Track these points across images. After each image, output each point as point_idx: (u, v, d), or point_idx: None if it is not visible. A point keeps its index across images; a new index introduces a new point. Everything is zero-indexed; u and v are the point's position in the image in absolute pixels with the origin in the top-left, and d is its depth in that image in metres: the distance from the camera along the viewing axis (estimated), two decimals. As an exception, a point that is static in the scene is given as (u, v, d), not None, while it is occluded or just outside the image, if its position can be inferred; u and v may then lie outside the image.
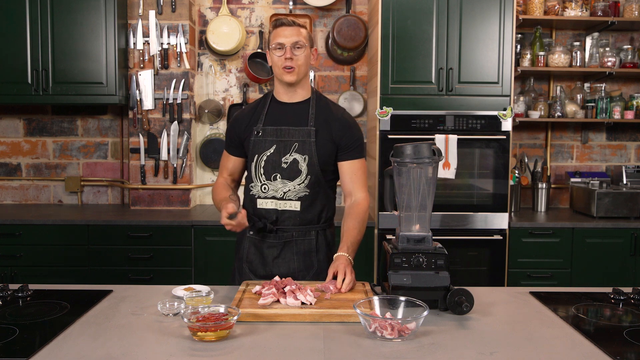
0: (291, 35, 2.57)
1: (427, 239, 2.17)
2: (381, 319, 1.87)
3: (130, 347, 1.78)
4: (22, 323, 1.97)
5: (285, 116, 2.67)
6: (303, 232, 2.67)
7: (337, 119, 2.67)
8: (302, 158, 2.59)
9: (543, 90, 5.13)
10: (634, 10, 4.68)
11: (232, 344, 1.81)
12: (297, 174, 2.60)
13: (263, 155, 2.62)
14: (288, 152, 2.60)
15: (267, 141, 2.63)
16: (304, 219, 2.66)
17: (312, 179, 2.61)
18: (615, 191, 4.56)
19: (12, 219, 4.32)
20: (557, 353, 1.76)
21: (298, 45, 2.57)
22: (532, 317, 2.10)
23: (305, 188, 2.61)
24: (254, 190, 2.67)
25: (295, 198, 2.62)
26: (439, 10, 4.26)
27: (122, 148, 5.09)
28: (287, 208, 2.63)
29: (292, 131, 2.62)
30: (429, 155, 2.14)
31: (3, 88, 4.49)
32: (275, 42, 2.58)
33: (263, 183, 2.64)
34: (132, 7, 4.72)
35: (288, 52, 2.56)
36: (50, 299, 2.25)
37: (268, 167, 2.62)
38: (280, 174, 2.61)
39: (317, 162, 2.60)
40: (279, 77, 2.64)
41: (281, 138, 2.62)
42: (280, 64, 2.58)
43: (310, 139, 2.60)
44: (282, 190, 2.62)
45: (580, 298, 2.34)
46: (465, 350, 1.77)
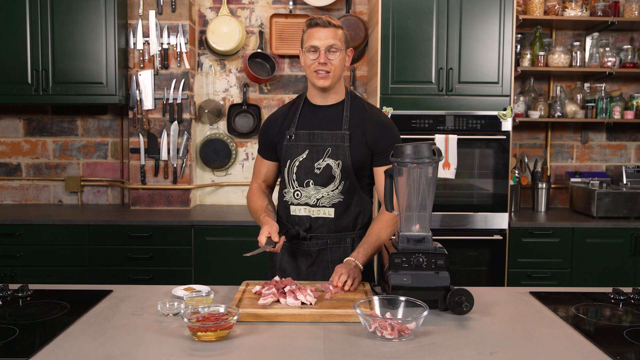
0: (326, 37, 2.48)
1: (427, 239, 2.17)
2: (381, 319, 1.87)
3: (130, 347, 1.78)
4: (22, 323, 1.97)
5: (319, 119, 2.60)
6: (338, 240, 2.61)
7: (372, 121, 2.59)
8: (335, 163, 2.53)
9: (543, 90, 5.13)
10: (634, 10, 4.68)
11: (232, 344, 1.81)
12: (330, 179, 2.54)
13: (295, 160, 2.57)
14: (321, 158, 2.54)
15: (299, 146, 2.57)
16: (338, 226, 2.60)
17: (346, 184, 2.55)
18: (615, 191, 4.56)
19: (12, 219, 4.32)
20: (557, 353, 1.76)
21: (333, 49, 2.49)
22: (532, 317, 2.10)
23: (339, 194, 2.56)
24: (287, 197, 2.62)
25: (329, 205, 2.56)
26: (439, 10, 4.27)
27: (122, 148, 5.09)
28: (321, 215, 2.57)
29: (326, 135, 2.55)
30: (429, 155, 2.14)
31: (3, 88, 4.50)
32: (309, 44, 2.50)
33: (296, 189, 2.58)
34: (132, 7, 4.72)
35: (322, 56, 2.48)
36: (50, 299, 2.25)
37: (300, 173, 2.56)
38: (313, 180, 2.55)
39: (352, 167, 2.54)
40: (311, 80, 2.57)
41: (314, 143, 2.56)
42: (314, 67, 2.51)
43: (344, 143, 2.53)
44: (315, 197, 2.56)
45: (580, 298, 2.34)
46: (465, 350, 1.77)
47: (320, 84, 2.53)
